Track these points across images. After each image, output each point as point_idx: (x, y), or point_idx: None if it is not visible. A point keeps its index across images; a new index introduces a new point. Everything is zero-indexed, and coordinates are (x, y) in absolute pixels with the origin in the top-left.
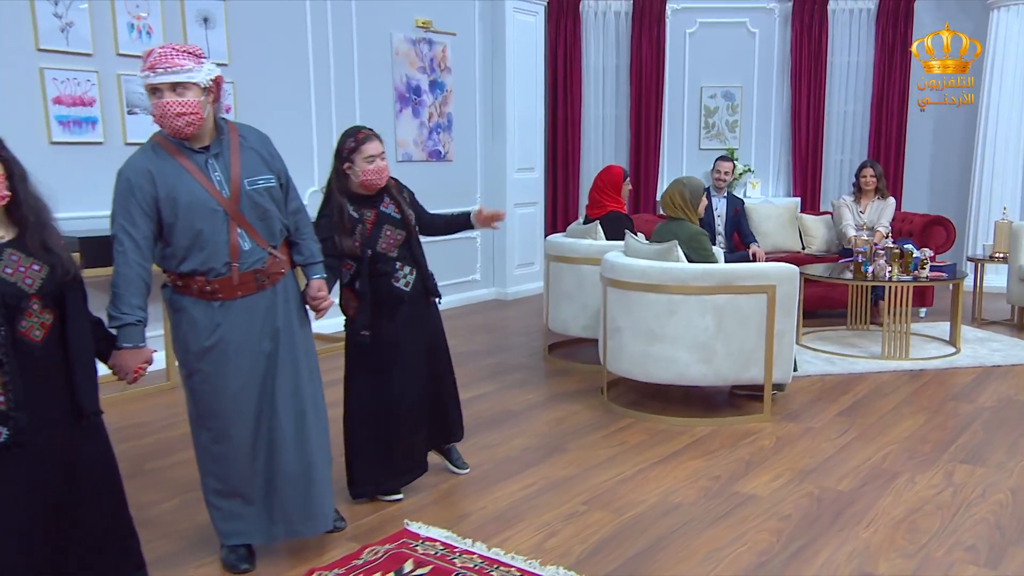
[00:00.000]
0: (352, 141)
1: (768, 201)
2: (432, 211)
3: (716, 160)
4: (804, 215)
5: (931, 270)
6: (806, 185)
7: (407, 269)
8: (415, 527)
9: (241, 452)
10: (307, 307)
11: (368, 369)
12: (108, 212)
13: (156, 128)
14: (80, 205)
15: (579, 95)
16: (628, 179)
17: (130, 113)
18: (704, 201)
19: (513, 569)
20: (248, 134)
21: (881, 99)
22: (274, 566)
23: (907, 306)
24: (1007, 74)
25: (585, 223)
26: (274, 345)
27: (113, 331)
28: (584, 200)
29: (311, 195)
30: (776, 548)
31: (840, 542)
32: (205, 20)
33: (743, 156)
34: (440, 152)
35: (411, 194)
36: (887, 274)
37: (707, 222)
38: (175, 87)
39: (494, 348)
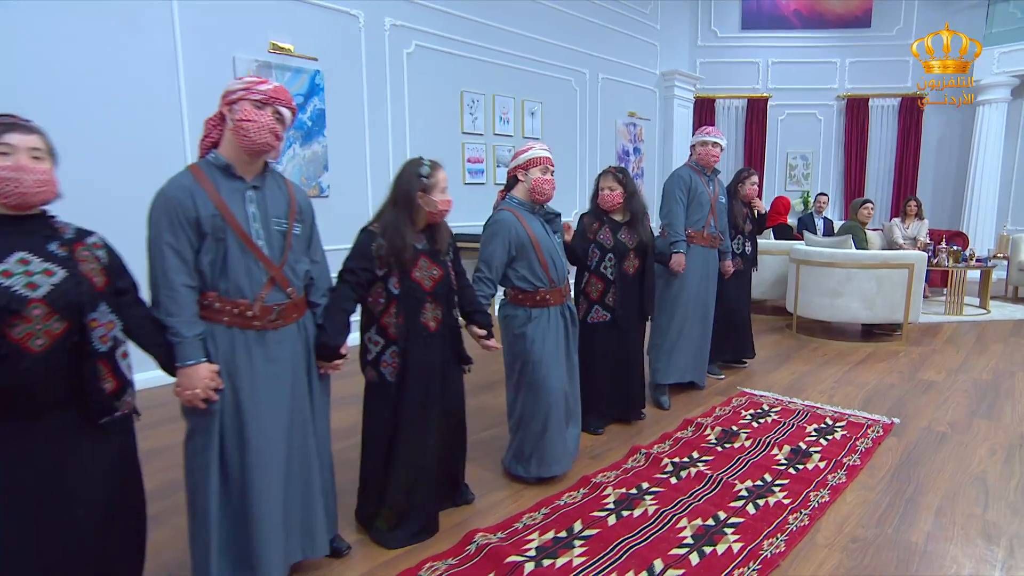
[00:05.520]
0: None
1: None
2: None
3: (817, 195)
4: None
5: (976, 261)
6: None
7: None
8: (748, 390)
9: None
10: None
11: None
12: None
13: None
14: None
15: None
16: (792, 206)
17: (498, 166)
18: (865, 209)
19: (827, 408)
20: None
21: (901, 161)
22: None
23: (963, 283)
24: (990, 151)
25: None
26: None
27: None
28: None
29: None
30: (975, 404)
31: (1012, 402)
32: (532, 113)
33: (812, 195)
34: None
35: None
36: (948, 263)
37: (811, 232)
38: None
39: None
